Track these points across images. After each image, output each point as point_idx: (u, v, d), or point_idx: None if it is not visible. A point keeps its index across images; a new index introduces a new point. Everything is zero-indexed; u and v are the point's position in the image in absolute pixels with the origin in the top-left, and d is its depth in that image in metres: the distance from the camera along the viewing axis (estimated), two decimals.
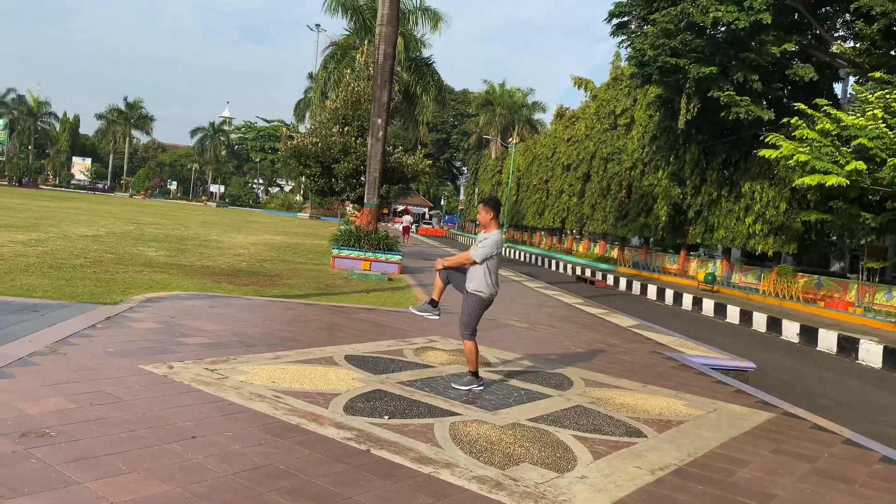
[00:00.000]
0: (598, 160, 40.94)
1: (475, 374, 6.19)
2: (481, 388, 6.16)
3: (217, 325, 7.94)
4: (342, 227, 18.18)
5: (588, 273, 31.24)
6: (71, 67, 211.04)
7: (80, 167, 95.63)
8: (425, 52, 31.94)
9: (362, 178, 19.39)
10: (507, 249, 48.27)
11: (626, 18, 27.87)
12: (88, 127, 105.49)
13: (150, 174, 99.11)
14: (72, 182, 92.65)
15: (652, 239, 36.03)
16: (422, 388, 6.01)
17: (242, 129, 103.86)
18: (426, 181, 51.60)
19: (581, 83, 41.99)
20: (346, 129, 19.42)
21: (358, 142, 19.19)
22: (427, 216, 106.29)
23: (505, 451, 4.58)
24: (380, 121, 17.24)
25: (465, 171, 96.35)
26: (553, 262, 36.23)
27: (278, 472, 3.85)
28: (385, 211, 35.75)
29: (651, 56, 24.65)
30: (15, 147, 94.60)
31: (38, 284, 9.71)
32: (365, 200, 17.47)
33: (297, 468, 3.91)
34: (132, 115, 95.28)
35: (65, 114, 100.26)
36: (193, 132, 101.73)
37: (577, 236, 49.07)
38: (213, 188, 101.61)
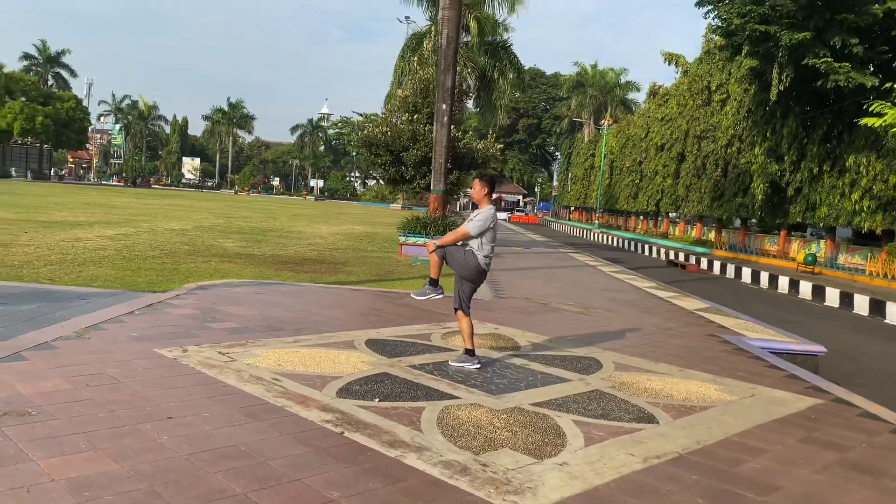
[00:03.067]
0: (691, 139, 39.23)
1: (471, 351, 6.09)
2: (477, 366, 6.02)
3: (253, 310, 8.06)
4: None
5: (681, 257, 30.04)
6: (183, 72, 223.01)
7: (189, 167, 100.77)
8: (505, 36, 31.50)
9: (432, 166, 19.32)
10: (602, 235, 47.14)
11: None
12: (197, 128, 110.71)
13: (253, 171, 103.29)
14: (182, 181, 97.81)
15: (752, 220, 34.22)
16: (431, 371, 5.85)
17: (339, 125, 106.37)
18: (497, 166, 50.54)
19: (671, 58, 40.28)
20: (415, 116, 19.42)
21: (427, 129, 19.15)
22: (522, 203, 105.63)
23: (489, 436, 4.36)
24: (444, 106, 17.09)
25: (559, 157, 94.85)
26: (647, 246, 35.03)
27: (237, 453, 3.80)
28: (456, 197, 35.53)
29: (738, 25, 23.26)
30: (129, 150, 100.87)
31: (102, 275, 10.19)
32: (431, 187, 17.40)
33: (258, 450, 3.85)
34: (234, 116, 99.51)
35: (174, 116, 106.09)
36: (293, 129, 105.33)
37: (674, 219, 47.30)
38: (313, 183, 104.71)
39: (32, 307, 7.36)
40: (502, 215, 77.85)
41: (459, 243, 6.19)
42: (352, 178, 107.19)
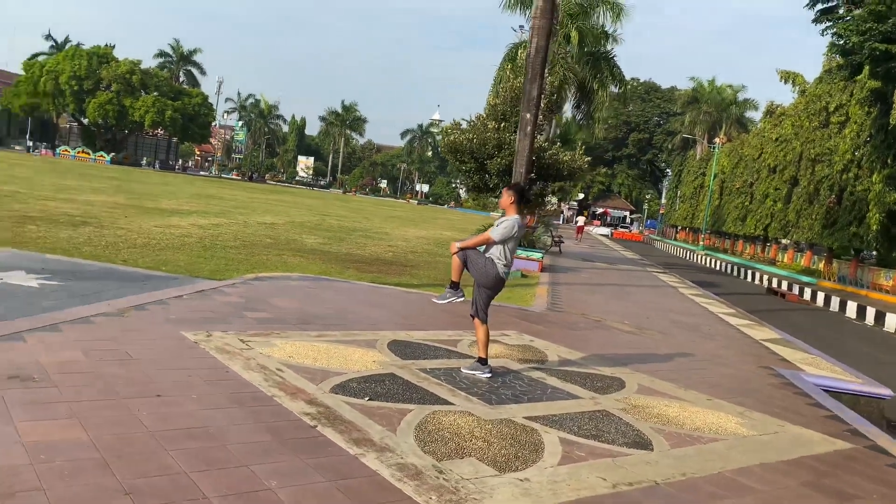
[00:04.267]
0: (805, 161, 37.07)
1: (483, 360, 6.04)
2: (487, 375, 5.96)
3: (295, 303, 8.30)
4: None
5: (784, 286, 28.45)
6: (307, 74, 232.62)
7: (303, 165, 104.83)
8: (609, 47, 30.93)
9: None
10: (705, 257, 45.34)
11: (833, 3, 24.91)
12: (314, 128, 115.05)
13: (363, 173, 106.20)
14: (295, 178, 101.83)
15: (866, 251, 31.94)
16: (439, 376, 5.84)
17: (455, 131, 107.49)
18: (589, 179, 49.17)
19: (788, 77, 38.27)
20: (502, 125, 19.39)
21: (513, 138, 19.06)
22: (628, 220, 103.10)
23: (460, 444, 4.31)
24: (528, 115, 16.96)
25: (669, 173, 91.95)
26: (750, 272, 33.33)
27: (203, 434, 3.94)
28: (551, 210, 34.90)
29: (857, 43, 21.81)
30: (249, 146, 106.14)
31: (174, 260, 10.79)
32: None
33: (223, 434, 3.98)
34: (347, 118, 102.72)
35: (293, 116, 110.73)
36: (403, 134, 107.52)
37: (784, 246, 44.83)
38: (419, 187, 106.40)
39: (94, 284, 7.90)
40: (605, 230, 76.32)
41: (482, 249, 6.15)
42: (456, 185, 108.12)
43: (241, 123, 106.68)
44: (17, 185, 22.69)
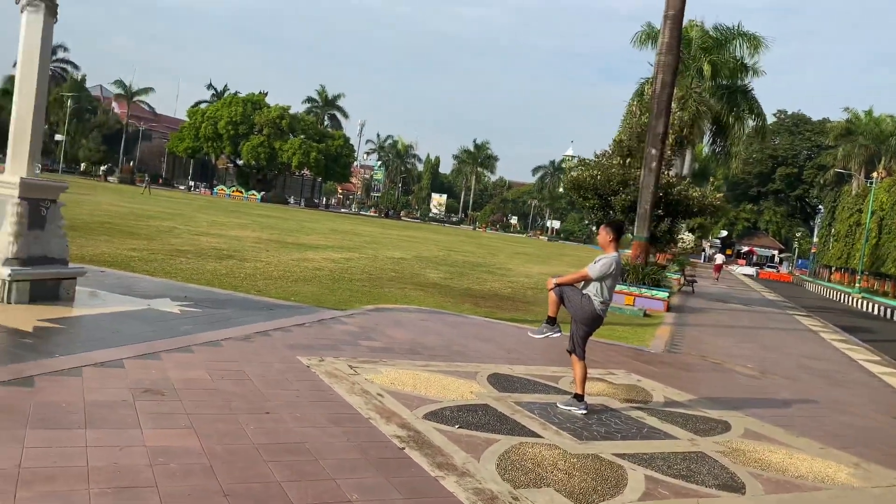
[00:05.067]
0: None
1: (580, 396, 6.05)
2: (583, 412, 5.96)
3: (407, 334, 8.68)
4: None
5: None
6: (443, 113, 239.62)
7: (436, 202, 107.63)
8: (747, 80, 29.83)
9: None
10: (862, 301, 41.93)
11: None
12: (447, 166, 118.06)
13: (494, 209, 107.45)
14: (429, 215, 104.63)
15: None
16: (532, 410, 5.94)
17: (579, 168, 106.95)
18: (721, 216, 46.44)
19: None
20: (628, 160, 19.19)
21: (638, 174, 18.79)
22: (777, 259, 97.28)
23: (541, 475, 4.42)
24: (654, 151, 16.76)
25: (821, 210, 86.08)
26: None
27: (300, 449, 4.31)
28: (688, 248, 33.55)
29: None
30: (387, 184, 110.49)
31: (304, 291, 11.56)
32: (635, 233, 17.06)
33: (318, 450, 4.33)
34: (479, 156, 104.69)
35: (428, 155, 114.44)
36: (535, 170, 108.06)
37: None
38: (550, 223, 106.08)
39: (227, 311, 8.66)
40: (749, 270, 72.42)
41: (580, 286, 6.24)
42: (589, 221, 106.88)
43: (379, 163, 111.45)
44: (176, 221, 25.00)
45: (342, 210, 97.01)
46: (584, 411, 6.00)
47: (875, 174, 55.36)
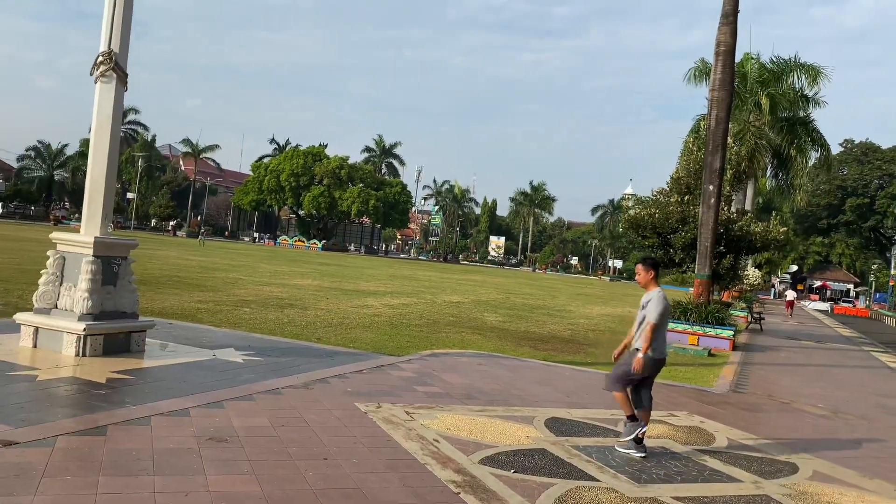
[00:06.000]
0: None
1: (631, 416, 6.00)
2: (642, 455, 5.89)
3: (464, 379, 8.72)
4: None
5: None
6: (497, 156, 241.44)
7: (494, 244, 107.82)
8: (809, 111, 29.27)
9: None
10: None
11: None
12: (504, 208, 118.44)
13: (553, 250, 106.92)
14: (487, 258, 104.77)
15: None
16: (590, 454, 5.88)
17: (636, 206, 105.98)
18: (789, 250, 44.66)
19: None
20: (686, 197, 18.97)
21: (697, 211, 18.52)
22: (852, 293, 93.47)
23: None
24: (711, 187, 16.56)
25: None
26: None
27: (357, 494, 4.39)
28: (755, 283, 32.63)
29: None
30: (444, 229, 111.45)
31: (362, 337, 11.75)
32: (696, 271, 16.78)
33: (373, 495, 4.41)
34: (536, 197, 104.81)
35: (485, 198, 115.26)
36: (594, 210, 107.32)
37: None
38: (611, 263, 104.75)
39: (288, 359, 8.88)
40: (822, 305, 69.73)
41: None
42: None
43: (437, 208, 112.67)
44: (241, 272, 25.78)
45: (401, 256, 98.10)
46: (643, 454, 5.91)
47: None
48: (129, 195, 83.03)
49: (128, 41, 8.21)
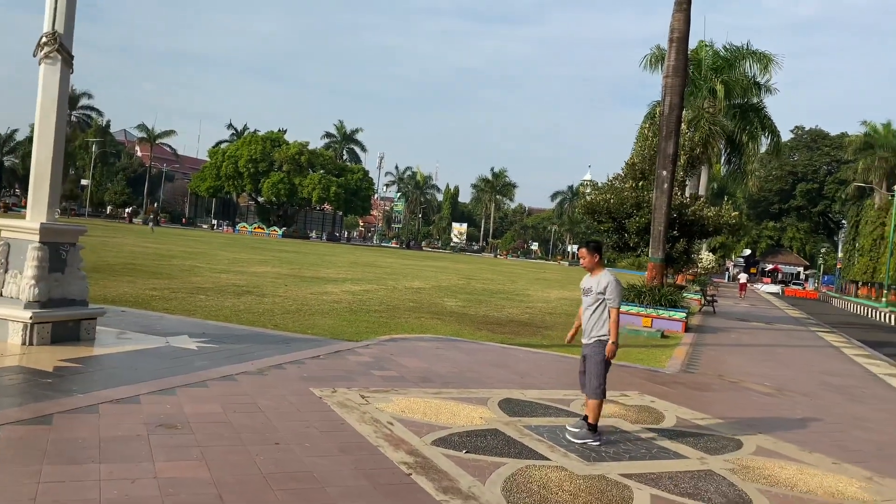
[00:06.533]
0: None
1: (593, 426, 5.86)
2: (597, 443, 5.79)
3: (420, 363, 8.77)
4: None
5: None
6: (459, 144, 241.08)
7: (457, 231, 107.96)
8: (761, 97, 29.86)
9: None
10: (888, 315, 41.20)
11: None
12: (467, 195, 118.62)
13: (514, 236, 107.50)
14: (450, 245, 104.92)
15: None
16: (541, 433, 5.98)
17: (592, 192, 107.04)
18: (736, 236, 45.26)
19: None
20: (640, 183, 19.26)
21: (652, 196, 18.83)
22: (802, 276, 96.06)
23: (546, 497, 4.47)
24: (665, 173, 16.83)
25: (844, 225, 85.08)
26: None
27: (307, 477, 4.41)
28: (709, 267, 33.16)
29: None
30: (407, 215, 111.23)
31: (321, 324, 11.71)
32: (650, 255, 17.07)
33: (325, 478, 4.43)
34: (497, 184, 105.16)
35: (447, 185, 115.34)
36: (553, 196, 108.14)
37: None
38: (570, 248, 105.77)
39: (243, 346, 8.82)
40: (774, 288, 71.55)
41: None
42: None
43: (399, 195, 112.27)
44: (198, 259, 25.40)
45: (364, 243, 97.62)
46: (599, 442, 5.80)
47: None
48: (84, 182, 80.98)
49: (73, 21, 7.99)
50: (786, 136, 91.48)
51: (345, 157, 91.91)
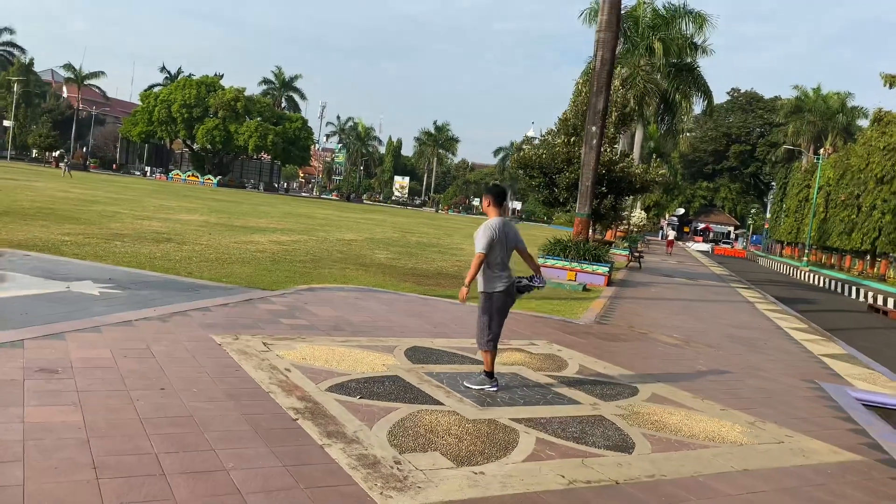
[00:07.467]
0: None
1: (489, 373, 5.92)
2: (494, 388, 5.86)
3: (334, 312, 8.69)
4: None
5: (890, 303, 26.67)
6: (406, 97, 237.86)
7: (399, 185, 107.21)
8: (698, 58, 30.23)
9: None
10: (809, 274, 43.03)
11: None
12: (410, 149, 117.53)
13: (456, 191, 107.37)
14: (392, 198, 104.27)
15: None
16: (441, 380, 6.02)
17: (526, 146, 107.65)
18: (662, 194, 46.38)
19: (892, 81, 35.95)
20: (572, 139, 19.36)
21: (582, 151, 18.98)
22: (732, 235, 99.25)
23: (432, 440, 4.49)
24: (594, 128, 16.92)
25: (773, 186, 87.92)
26: (855, 289, 31.36)
27: (187, 422, 4.31)
28: (641, 224, 34.04)
29: None
30: (348, 168, 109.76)
31: (238, 273, 11.46)
32: (577, 210, 17.26)
33: (206, 422, 4.34)
34: (440, 138, 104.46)
35: (389, 138, 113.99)
36: (496, 152, 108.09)
37: (894, 260, 41.94)
38: (512, 204, 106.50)
39: (149, 293, 8.57)
40: (704, 247, 73.74)
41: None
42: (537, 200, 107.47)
43: (340, 146, 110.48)
44: (122, 206, 24.53)
45: (303, 194, 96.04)
46: (496, 388, 5.85)
47: (822, 150, 56.69)
48: (6, 123, 76.92)
49: None
50: (723, 97, 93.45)
51: (283, 106, 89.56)
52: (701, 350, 9.39)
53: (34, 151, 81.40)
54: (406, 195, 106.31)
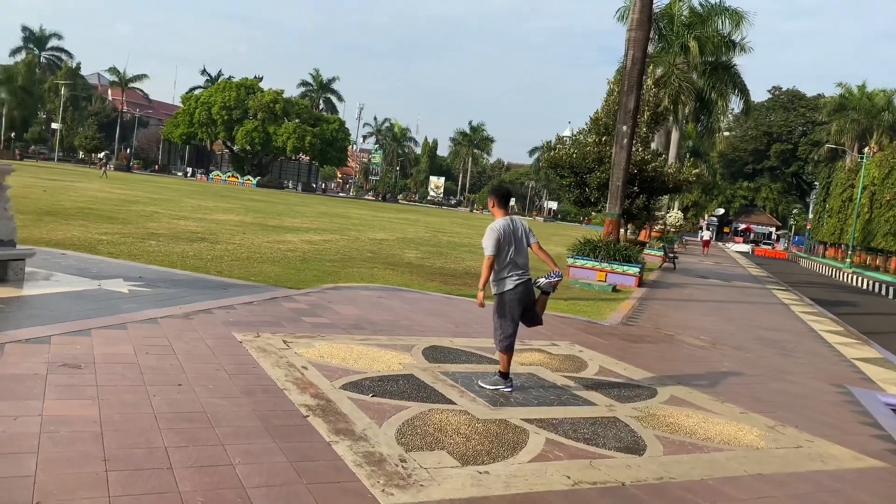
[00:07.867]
0: None
1: (504, 374, 5.91)
2: (509, 389, 5.85)
3: (356, 311, 8.77)
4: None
5: None
6: (442, 98, 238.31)
7: (433, 185, 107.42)
8: (736, 56, 29.68)
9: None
10: (853, 276, 41.92)
11: None
12: (446, 149, 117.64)
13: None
14: (427, 198, 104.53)
15: None
16: (456, 379, 6.04)
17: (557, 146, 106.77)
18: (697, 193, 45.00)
19: None
20: (604, 138, 19.18)
21: (613, 151, 18.80)
22: (774, 236, 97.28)
23: (440, 439, 4.52)
24: (625, 128, 16.77)
25: (816, 186, 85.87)
26: None
27: (200, 418, 4.41)
28: (671, 227, 33.57)
29: None
30: (384, 168, 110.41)
31: (267, 272, 11.64)
32: (607, 209, 17.12)
33: (218, 418, 4.43)
34: (475, 138, 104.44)
35: (426, 138, 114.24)
36: (531, 151, 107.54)
37: None
38: (547, 204, 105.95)
39: (177, 291, 8.75)
40: (744, 247, 72.36)
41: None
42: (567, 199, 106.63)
43: (376, 147, 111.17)
44: (161, 206, 25.06)
45: (340, 194, 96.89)
46: (510, 388, 5.83)
47: (867, 149, 55.20)
48: (54, 125, 79.14)
49: None
50: (764, 96, 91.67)
51: (321, 107, 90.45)
52: (727, 352, 9.25)
53: (80, 153, 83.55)
54: (441, 195, 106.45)
